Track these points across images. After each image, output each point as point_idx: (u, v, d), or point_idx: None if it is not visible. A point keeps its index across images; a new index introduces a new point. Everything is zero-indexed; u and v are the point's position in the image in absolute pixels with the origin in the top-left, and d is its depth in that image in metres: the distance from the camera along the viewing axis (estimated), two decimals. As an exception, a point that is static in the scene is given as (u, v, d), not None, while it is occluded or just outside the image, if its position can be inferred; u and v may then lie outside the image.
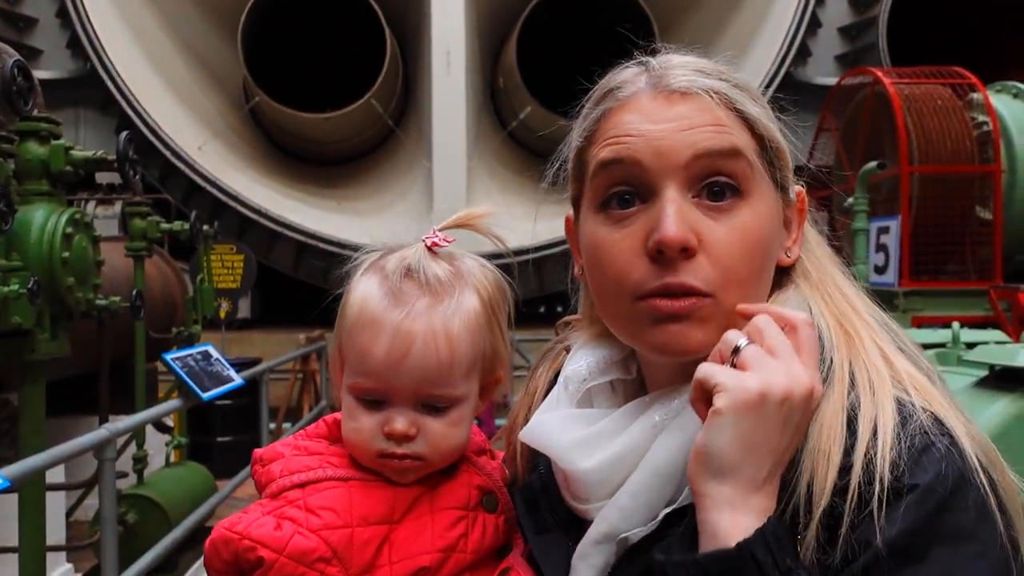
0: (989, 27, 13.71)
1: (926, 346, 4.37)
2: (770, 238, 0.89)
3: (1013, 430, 3.06)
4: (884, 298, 4.72)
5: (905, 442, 0.77)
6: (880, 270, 7.35)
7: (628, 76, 0.93)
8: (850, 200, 6.32)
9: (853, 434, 0.79)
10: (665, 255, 0.84)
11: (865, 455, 0.77)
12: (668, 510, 0.85)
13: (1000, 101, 8.25)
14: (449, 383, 1.01)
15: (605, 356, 1.00)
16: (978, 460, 0.77)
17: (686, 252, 0.84)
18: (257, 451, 1.08)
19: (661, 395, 0.93)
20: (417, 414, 1.01)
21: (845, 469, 0.77)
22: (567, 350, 1.08)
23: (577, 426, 0.95)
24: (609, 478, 0.90)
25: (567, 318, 1.16)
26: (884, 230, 7.39)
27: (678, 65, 0.92)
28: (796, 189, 0.95)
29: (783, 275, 0.94)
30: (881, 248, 7.40)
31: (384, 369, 0.99)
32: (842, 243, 9.52)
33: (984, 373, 3.44)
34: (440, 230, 1.06)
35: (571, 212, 1.00)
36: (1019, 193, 8.05)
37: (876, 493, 0.74)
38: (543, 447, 0.97)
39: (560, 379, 1.03)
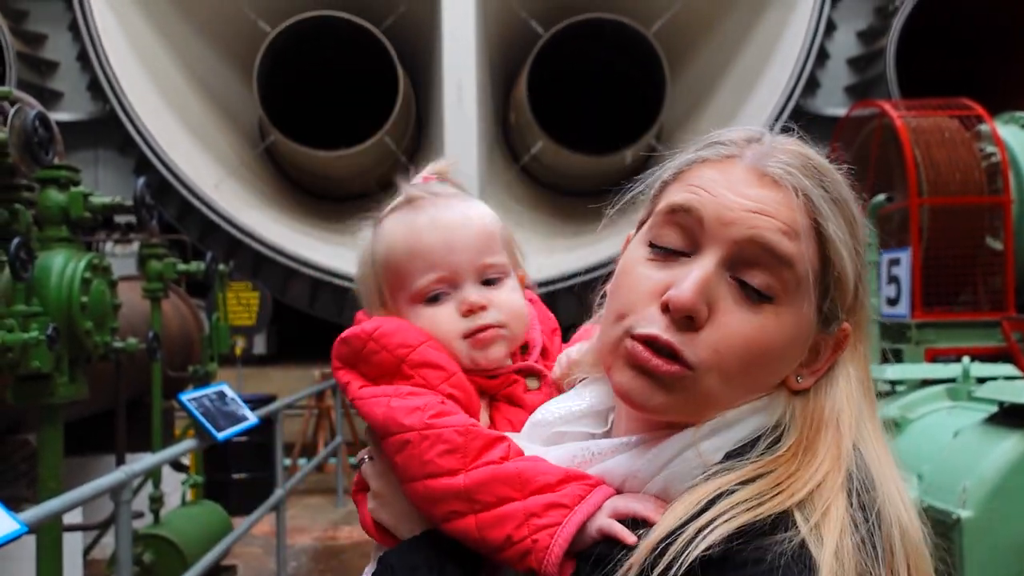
0: (997, 57, 13.76)
1: (936, 381, 4.39)
2: (779, 351, 0.86)
3: (1022, 467, 3.07)
4: (897, 330, 4.73)
5: (750, 545, 0.76)
6: (892, 302, 7.34)
7: (737, 138, 0.94)
8: (860, 233, 6.34)
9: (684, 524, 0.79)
10: (671, 313, 0.84)
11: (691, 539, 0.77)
12: None
13: (1008, 132, 8.26)
14: (496, 251, 1.12)
15: (584, 407, 0.99)
16: None
17: (691, 321, 0.84)
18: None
19: None
20: (482, 289, 1.09)
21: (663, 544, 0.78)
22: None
23: None
24: None
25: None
26: (895, 262, 7.39)
27: (788, 152, 0.90)
28: (843, 325, 0.90)
29: (785, 393, 0.90)
30: (893, 280, 7.39)
31: (444, 254, 1.08)
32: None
33: (994, 409, 3.45)
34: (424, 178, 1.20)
35: (633, 232, 1.00)
36: (1030, 223, 8.04)
37: None
38: None
39: (528, 422, 1.02)
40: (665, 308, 0.85)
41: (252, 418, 5.57)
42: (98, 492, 3.51)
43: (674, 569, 0.76)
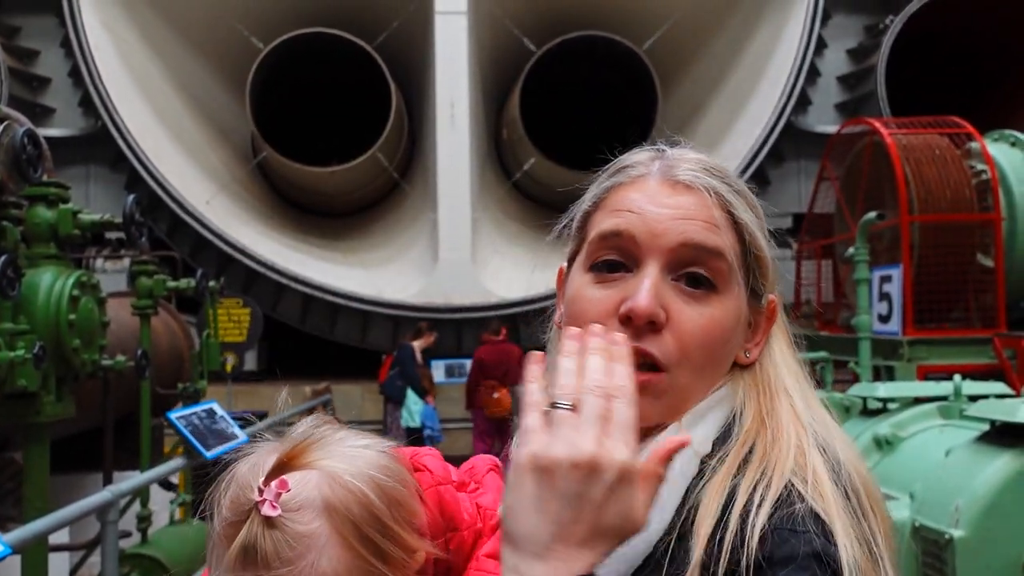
0: (985, 75, 13.87)
1: (928, 399, 4.37)
2: (730, 333, 0.96)
3: (1014, 486, 3.06)
4: (888, 347, 4.68)
5: (780, 521, 0.82)
6: (884, 319, 7.35)
7: (643, 159, 1.02)
8: (851, 250, 6.33)
9: (730, 507, 0.84)
10: (633, 322, 0.91)
11: (738, 529, 0.82)
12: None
13: (998, 149, 8.31)
14: None
15: None
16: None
17: (653, 325, 0.91)
18: None
19: None
20: None
21: (717, 540, 0.83)
22: None
23: None
24: None
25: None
26: (886, 278, 7.41)
27: (689, 160, 1.00)
28: (769, 297, 1.01)
29: (738, 371, 1.00)
30: (884, 297, 7.40)
31: None
32: (846, 292, 9.46)
33: (986, 428, 3.44)
34: (268, 481, 0.93)
35: (564, 264, 1.07)
36: (1020, 240, 8.06)
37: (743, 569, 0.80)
38: None
39: None
40: (625, 320, 0.91)
41: (242, 435, 5.52)
42: (84, 512, 3.48)
43: (743, 560, 0.80)
